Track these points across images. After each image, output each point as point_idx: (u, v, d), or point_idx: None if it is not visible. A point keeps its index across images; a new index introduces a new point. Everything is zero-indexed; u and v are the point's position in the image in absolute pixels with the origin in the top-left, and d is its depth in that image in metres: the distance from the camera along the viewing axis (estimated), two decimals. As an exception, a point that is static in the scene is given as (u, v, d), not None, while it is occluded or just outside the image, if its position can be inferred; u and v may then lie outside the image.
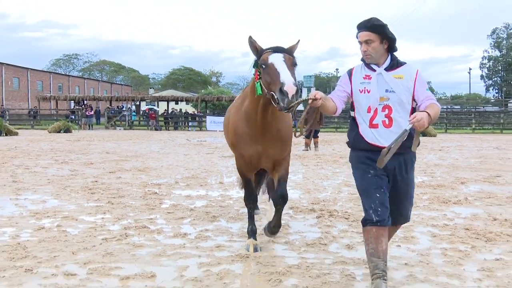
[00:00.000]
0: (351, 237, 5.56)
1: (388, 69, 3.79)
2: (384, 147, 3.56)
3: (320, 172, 11.17)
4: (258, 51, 4.39)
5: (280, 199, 4.95)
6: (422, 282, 4.11)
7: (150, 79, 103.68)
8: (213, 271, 4.37)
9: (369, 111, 3.78)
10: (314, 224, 6.23)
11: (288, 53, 4.27)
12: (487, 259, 4.72)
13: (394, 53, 3.88)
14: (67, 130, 30.29)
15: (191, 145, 20.37)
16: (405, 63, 3.88)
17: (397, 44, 3.87)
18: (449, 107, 47.87)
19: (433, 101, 3.70)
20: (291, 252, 4.99)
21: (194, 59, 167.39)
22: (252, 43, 4.44)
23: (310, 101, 3.59)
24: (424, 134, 27.86)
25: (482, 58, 76.35)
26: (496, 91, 76.53)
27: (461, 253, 4.90)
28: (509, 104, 54.21)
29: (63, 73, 78.63)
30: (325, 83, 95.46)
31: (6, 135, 26.00)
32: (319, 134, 18.95)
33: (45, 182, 9.53)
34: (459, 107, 48.29)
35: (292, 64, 4.19)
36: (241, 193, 8.29)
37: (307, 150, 17.63)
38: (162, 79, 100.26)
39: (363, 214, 3.78)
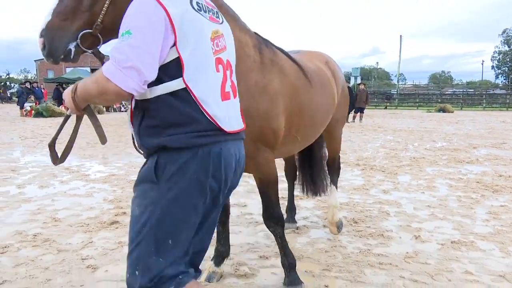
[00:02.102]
0: (386, 185, 5.32)
1: None
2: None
3: (363, 138, 10.74)
4: None
5: (268, 220, 2.40)
6: (441, 220, 3.86)
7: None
8: (286, 204, 4.37)
9: None
10: (359, 174, 6.02)
11: None
12: (494, 205, 4.34)
13: None
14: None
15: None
16: None
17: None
18: (465, 90, 43.78)
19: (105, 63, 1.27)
20: (342, 194, 4.86)
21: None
22: None
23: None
24: (444, 110, 25.79)
25: (494, 52, 69.50)
26: (504, 78, 69.43)
27: (472, 200, 4.53)
28: (514, 88, 48.79)
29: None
30: (368, 73, 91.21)
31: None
32: (364, 111, 17.83)
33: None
34: (472, 90, 44.04)
35: None
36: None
37: (354, 122, 16.94)
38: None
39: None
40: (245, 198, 4.61)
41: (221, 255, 2.66)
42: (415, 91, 42.09)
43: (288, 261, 2.49)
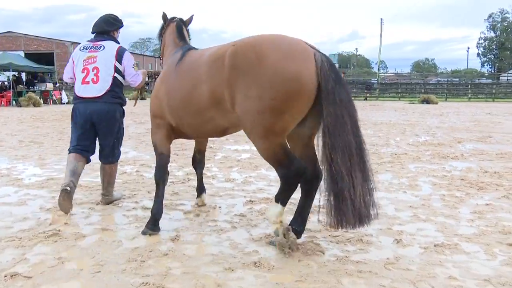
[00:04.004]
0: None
1: None
2: None
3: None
4: None
5: None
6: (424, 222, 4.00)
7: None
8: (255, 209, 4.39)
9: None
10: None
11: None
12: (479, 204, 4.55)
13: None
14: (143, 98, 30.76)
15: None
16: None
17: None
18: (449, 79, 45.51)
19: None
20: (317, 195, 4.92)
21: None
22: None
23: None
24: (428, 101, 26.82)
25: (479, 39, 72.77)
26: (490, 66, 72.88)
27: (457, 199, 4.73)
28: (500, 77, 51.16)
29: (139, 53, 79.13)
30: (346, 60, 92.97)
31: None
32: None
33: (127, 138, 9.69)
34: (458, 79, 45.87)
35: None
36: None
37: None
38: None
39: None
40: (208, 202, 4.58)
41: (198, 191, 4.49)
42: (397, 80, 43.42)
43: (152, 212, 3.71)
